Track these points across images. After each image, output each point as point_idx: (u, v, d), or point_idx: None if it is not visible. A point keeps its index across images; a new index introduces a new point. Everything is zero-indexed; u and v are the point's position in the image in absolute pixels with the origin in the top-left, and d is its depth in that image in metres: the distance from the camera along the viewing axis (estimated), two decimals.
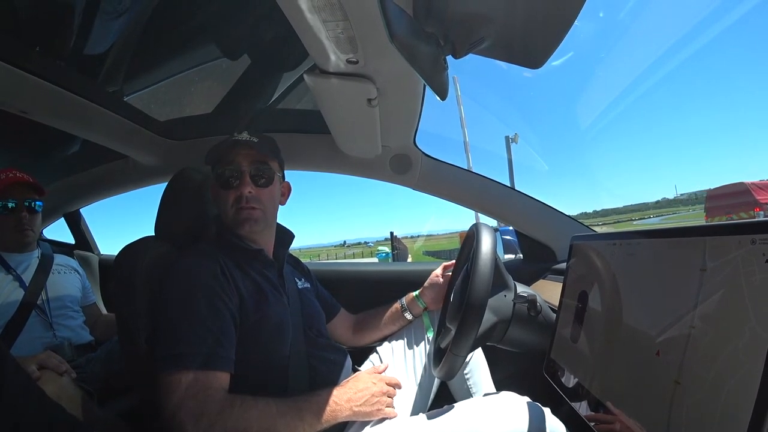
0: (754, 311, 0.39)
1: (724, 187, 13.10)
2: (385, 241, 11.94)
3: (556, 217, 1.53)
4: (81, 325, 1.59)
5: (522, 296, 0.99)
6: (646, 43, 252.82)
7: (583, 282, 0.77)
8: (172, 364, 0.81)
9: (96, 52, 1.16)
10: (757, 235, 0.40)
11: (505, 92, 48.30)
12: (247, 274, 1.01)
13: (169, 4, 1.06)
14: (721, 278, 0.44)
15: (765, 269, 0.39)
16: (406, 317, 1.33)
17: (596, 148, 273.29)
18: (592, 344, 0.70)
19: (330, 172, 1.59)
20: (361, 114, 1.07)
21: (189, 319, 0.85)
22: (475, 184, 1.52)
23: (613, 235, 0.68)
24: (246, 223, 1.04)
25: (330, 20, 0.69)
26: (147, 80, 1.36)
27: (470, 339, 0.87)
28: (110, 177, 1.90)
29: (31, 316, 1.42)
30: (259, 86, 1.42)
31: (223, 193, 1.05)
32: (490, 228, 0.99)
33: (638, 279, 0.59)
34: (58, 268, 1.62)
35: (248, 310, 0.95)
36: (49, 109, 1.23)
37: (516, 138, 10.67)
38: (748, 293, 0.40)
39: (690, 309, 0.47)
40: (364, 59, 0.84)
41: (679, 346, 0.47)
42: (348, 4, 0.64)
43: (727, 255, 0.43)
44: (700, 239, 0.47)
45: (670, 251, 0.53)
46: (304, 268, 1.34)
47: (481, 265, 0.87)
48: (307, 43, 0.78)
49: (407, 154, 1.46)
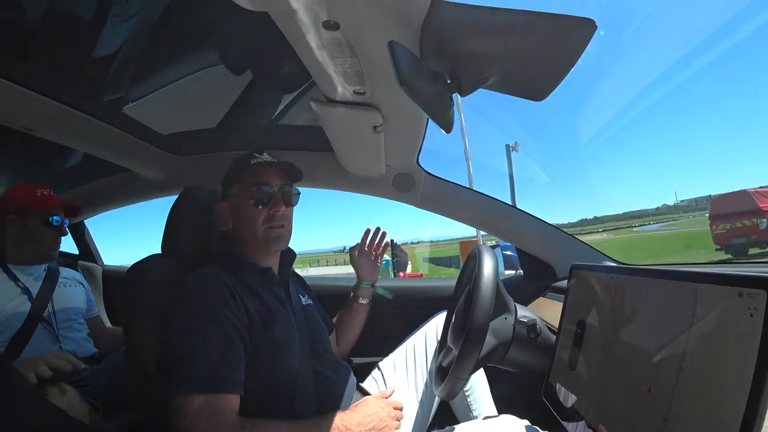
0: (737, 360, 0.41)
1: (727, 195, 13.15)
2: (385, 247, 12.24)
3: (556, 235, 1.56)
4: (85, 338, 1.61)
5: (522, 321, 1.01)
6: (649, 60, 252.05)
7: (582, 308, 0.79)
8: (183, 387, 0.82)
9: (99, 59, 1.15)
10: (744, 288, 0.42)
11: (505, 101, 49.22)
12: (256, 293, 1.03)
13: (175, 12, 1.07)
14: (709, 325, 0.46)
15: (749, 322, 0.41)
16: (362, 303, 1.42)
17: (596, 157, 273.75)
18: (588, 373, 0.72)
19: (334, 189, 1.61)
20: (366, 138, 1.10)
21: (200, 342, 0.87)
22: (477, 202, 1.54)
23: (612, 269, 0.70)
24: (278, 241, 1.09)
25: (338, 56, 0.71)
26: (149, 86, 1.36)
27: (471, 363, 0.90)
28: (115, 189, 1.93)
29: (37, 329, 1.43)
30: (263, 101, 1.44)
31: (253, 211, 1.08)
32: (491, 251, 1.01)
33: (633, 315, 0.62)
34: (64, 281, 1.64)
35: (257, 330, 0.97)
36: (54, 127, 1.25)
37: (516, 146, 10.73)
38: (733, 343, 0.42)
39: (680, 350, 0.49)
40: (370, 90, 0.86)
41: (669, 385, 0.50)
42: (356, 42, 0.67)
43: (716, 304, 0.45)
44: (692, 285, 0.50)
45: (665, 292, 0.55)
46: (307, 285, 1.36)
47: (483, 291, 0.89)
48: (315, 75, 0.80)
49: (410, 173, 1.48)
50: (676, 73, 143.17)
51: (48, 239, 1.54)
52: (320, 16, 0.59)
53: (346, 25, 0.62)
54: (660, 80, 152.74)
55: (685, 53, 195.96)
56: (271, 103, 1.47)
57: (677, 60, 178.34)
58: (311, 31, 0.63)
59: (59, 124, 1.24)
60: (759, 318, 0.40)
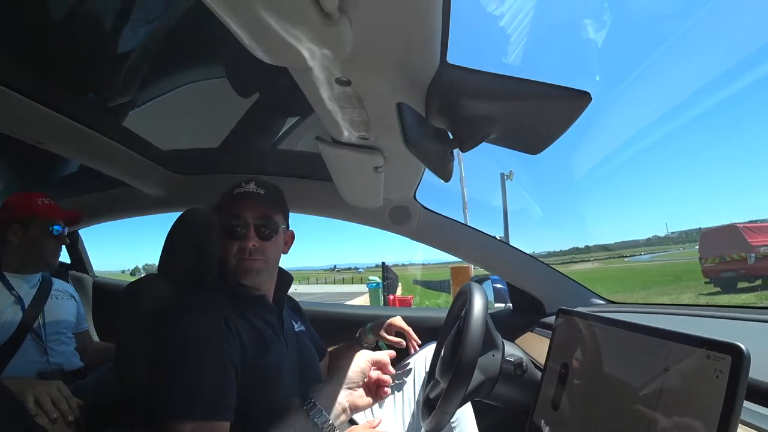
0: (703, 417, 0.45)
1: (716, 228, 13.39)
2: (376, 269, 11.93)
3: (546, 271, 1.60)
4: (73, 352, 1.60)
5: (509, 360, 1.04)
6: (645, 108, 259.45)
7: (567, 350, 0.83)
8: (175, 414, 0.84)
9: (105, 70, 1.16)
10: (712, 351, 0.46)
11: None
12: (249, 321, 1.04)
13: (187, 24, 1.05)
14: (680, 380, 0.50)
15: (714, 382, 0.45)
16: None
17: (589, 190, 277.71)
18: (571, 413, 0.75)
19: (332, 218, 1.65)
20: (367, 176, 1.13)
21: (192, 370, 0.88)
22: (470, 237, 1.59)
23: (596, 318, 0.74)
24: (248, 274, 1.07)
25: (347, 107, 0.76)
26: (156, 90, 1.34)
27: (459, 398, 0.92)
28: (114, 202, 1.92)
29: (26, 340, 1.42)
30: (268, 123, 1.46)
31: (227, 242, 1.08)
32: (482, 288, 1.05)
33: (612, 363, 0.66)
34: (56, 293, 1.63)
35: (248, 358, 0.98)
36: (57, 139, 1.26)
37: (511, 175, 10.88)
38: (699, 399, 0.46)
39: (654, 401, 0.53)
40: (375, 136, 0.90)
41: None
42: (366, 97, 0.71)
43: (687, 362, 0.50)
44: (666, 343, 0.54)
45: (641, 346, 0.59)
46: (301, 311, 1.38)
47: (472, 330, 0.92)
48: (323, 119, 0.84)
49: (407, 207, 1.53)
50: (670, 119, 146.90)
51: (49, 248, 1.54)
52: (334, 73, 0.63)
53: (358, 82, 0.66)
54: (654, 126, 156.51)
55: (680, 102, 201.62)
56: (275, 127, 1.49)
57: (672, 108, 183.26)
58: (324, 86, 0.67)
59: (62, 137, 1.25)
60: (723, 380, 0.44)
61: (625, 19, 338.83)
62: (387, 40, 0.57)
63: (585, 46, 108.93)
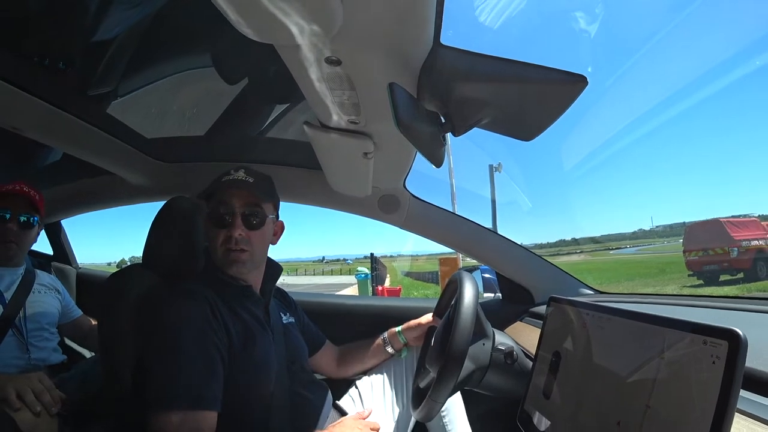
0: (699, 404, 0.45)
1: (701, 223, 13.69)
2: (365, 260, 11.87)
3: (535, 261, 1.60)
4: (55, 347, 1.56)
5: (500, 349, 1.04)
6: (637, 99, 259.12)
7: (558, 339, 0.82)
8: (162, 404, 0.83)
9: (87, 55, 1.13)
10: (709, 337, 0.45)
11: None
12: (235, 312, 1.03)
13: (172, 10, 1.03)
14: (675, 367, 0.49)
15: (711, 368, 0.44)
16: (387, 351, 1.37)
17: (577, 182, 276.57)
18: (562, 402, 0.74)
19: (320, 206, 1.63)
20: (356, 163, 1.12)
21: (179, 360, 0.87)
22: (460, 226, 1.58)
23: (588, 306, 0.73)
24: (234, 265, 1.04)
25: (337, 89, 0.74)
26: (139, 81, 1.31)
27: (449, 387, 0.92)
28: (97, 192, 1.87)
29: (6, 336, 1.38)
30: (256, 111, 1.44)
31: (214, 231, 1.05)
32: (472, 278, 1.04)
33: (606, 351, 0.65)
34: (39, 287, 1.58)
35: (235, 349, 0.97)
36: (38, 126, 1.21)
37: (500, 167, 10.94)
38: (696, 387, 0.46)
39: (648, 389, 0.52)
40: (365, 121, 0.88)
41: (637, 421, 0.53)
42: (356, 78, 0.69)
43: (682, 348, 0.49)
44: (661, 329, 0.53)
45: (636, 333, 0.59)
46: (290, 302, 1.36)
47: (463, 320, 0.91)
48: (311, 102, 0.82)
49: (396, 195, 1.51)
50: (660, 112, 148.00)
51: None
52: (324, 52, 0.61)
53: (348, 62, 0.64)
54: (645, 117, 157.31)
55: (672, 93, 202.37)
56: (263, 115, 1.46)
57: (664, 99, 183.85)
58: (313, 65, 0.65)
59: (43, 124, 1.21)
60: (720, 366, 0.44)
61: (617, 12, 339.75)
62: (379, 17, 0.55)
63: (577, 37, 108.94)
